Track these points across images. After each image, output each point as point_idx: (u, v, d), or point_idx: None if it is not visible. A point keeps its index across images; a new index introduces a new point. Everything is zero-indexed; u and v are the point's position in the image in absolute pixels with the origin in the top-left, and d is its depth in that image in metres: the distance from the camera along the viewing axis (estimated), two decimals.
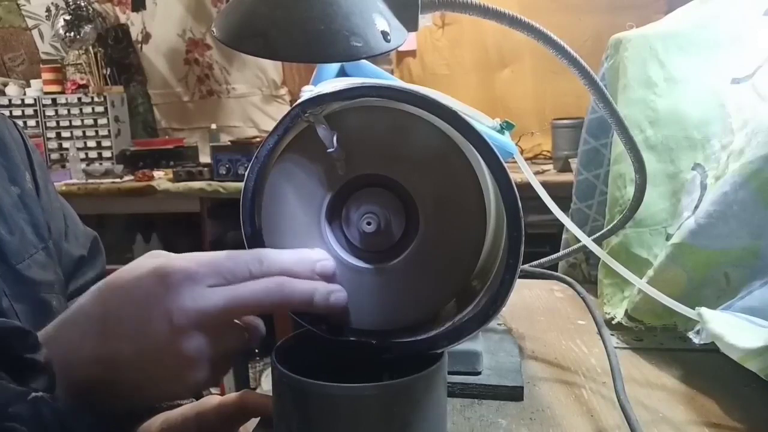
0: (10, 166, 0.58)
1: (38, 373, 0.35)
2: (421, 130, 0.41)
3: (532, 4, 2.58)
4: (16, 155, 0.59)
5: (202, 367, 0.39)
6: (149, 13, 2.99)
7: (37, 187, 0.61)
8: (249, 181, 0.41)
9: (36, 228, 0.58)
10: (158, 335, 0.37)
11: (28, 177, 0.60)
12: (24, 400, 0.33)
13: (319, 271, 0.40)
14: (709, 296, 0.60)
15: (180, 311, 0.37)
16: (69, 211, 0.68)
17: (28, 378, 0.35)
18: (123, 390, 0.39)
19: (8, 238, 0.53)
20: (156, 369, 0.38)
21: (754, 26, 0.70)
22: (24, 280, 0.54)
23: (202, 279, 0.38)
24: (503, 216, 0.39)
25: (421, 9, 0.40)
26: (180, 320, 0.37)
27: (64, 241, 0.63)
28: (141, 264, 0.39)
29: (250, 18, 0.36)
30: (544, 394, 0.56)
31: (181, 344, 0.37)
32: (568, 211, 0.88)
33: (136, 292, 0.38)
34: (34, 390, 0.34)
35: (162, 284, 0.37)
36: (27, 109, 2.83)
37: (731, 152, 0.61)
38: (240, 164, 2.41)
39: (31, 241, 0.56)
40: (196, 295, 0.37)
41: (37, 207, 0.59)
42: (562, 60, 0.45)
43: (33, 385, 0.35)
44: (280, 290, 0.38)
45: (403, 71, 2.82)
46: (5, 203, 0.55)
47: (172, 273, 0.38)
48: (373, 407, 0.36)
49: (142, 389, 0.40)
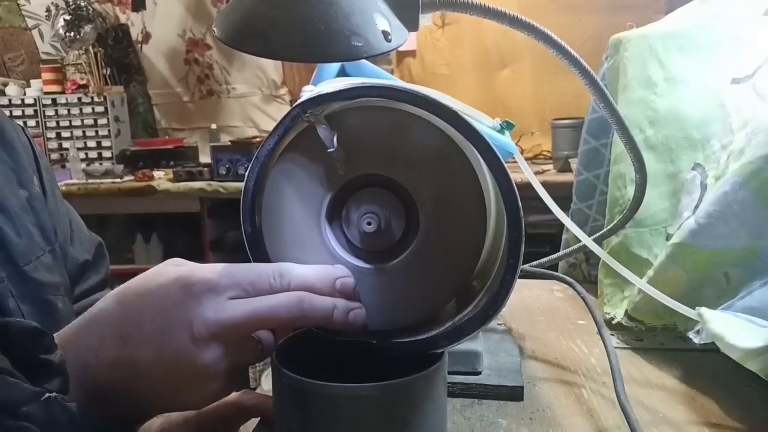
0: (18, 170, 0.58)
1: (52, 374, 0.35)
2: (421, 130, 0.41)
3: (532, 4, 2.58)
4: (24, 159, 0.60)
5: (217, 377, 0.39)
6: (149, 13, 2.99)
7: (44, 192, 0.62)
8: (249, 181, 0.41)
9: (43, 231, 0.58)
10: (178, 344, 0.37)
11: (36, 181, 0.61)
12: (37, 400, 0.33)
13: (339, 287, 0.40)
14: (709, 296, 0.60)
15: (200, 321, 0.37)
16: (74, 216, 0.68)
17: (42, 379, 0.35)
18: (140, 396, 0.39)
19: (16, 240, 0.54)
20: (173, 377, 0.38)
21: (754, 26, 0.70)
22: (30, 281, 0.54)
23: (223, 290, 0.38)
24: (503, 216, 0.39)
25: (422, 9, 0.40)
26: (200, 330, 0.37)
27: (70, 246, 0.64)
28: (164, 271, 0.40)
29: (250, 18, 0.36)
30: (544, 394, 0.56)
31: (200, 354, 0.37)
32: (568, 211, 0.88)
33: (159, 299, 0.38)
34: (48, 390, 0.34)
35: (184, 293, 0.37)
36: (27, 109, 2.83)
37: (731, 152, 0.61)
38: (240, 164, 2.42)
39: (38, 243, 0.57)
40: (218, 307, 0.37)
41: (45, 210, 0.60)
42: (563, 60, 0.45)
43: (47, 386, 0.34)
44: (300, 305, 0.38)
45: (403, 71, 2.82)
46: (13, 206, 0.55)
47: (195, 283, 0.38)
48: (373, 407, 0.36)
49: (159, 397, 0.40)
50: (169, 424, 0.51)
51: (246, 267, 0.40)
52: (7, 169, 0.57)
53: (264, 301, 0.38)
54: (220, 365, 0.38)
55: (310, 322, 0.40)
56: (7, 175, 0.57)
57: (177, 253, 0.41)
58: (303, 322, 0.39)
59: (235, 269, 0.39)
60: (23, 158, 0.59)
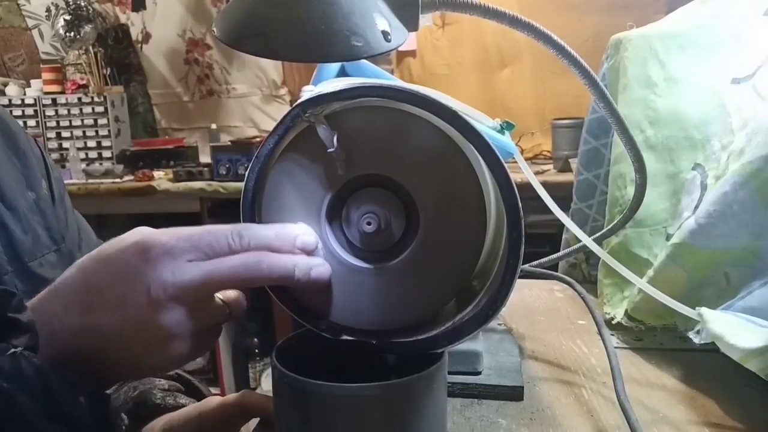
0: (28, 174, 0.61)
1: (21, 331, 0.36)
2: (422, 130, 0.41)
3: (532, 4, 2.58)
4: (34, 165, 0.63)
5: (182, 340, 0.39)
6: (149, 13, 2.99)
7: (53, 198, 0.65)
8: (249, 181, 0.41)
9: (49, 231, 0.61)
10: (137, 308, 0.38)
11: (45, 185, 0.64)
12: (3, 354, 0.34)
13: (299, 245, 0.40)
14: (709, 296, 0.60)
15: (157, 284, 0.37)
16: (84, 225, 0.71)
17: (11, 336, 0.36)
18: (107, 361, 0.40)
19: (22, 237, 0.56)
20: (137, 341, 0.39)
21: (754, 26, 0.70)
22: (35, 277, 0.55)
23: (180, 253, 0.38)
24: (503, 216, 0.39)
25: (422, 9, 0.40)
26: (158, 293, 0.37)
27: (78, 252, 0.65)
28: (123, 238, 0.40)
29: (250, 18, 0.36)
30: (544, 394, 0.56)
31: (159, 317, 0.38)
32: (568, 211, 0.88)
33: (117, 264, 0.39)
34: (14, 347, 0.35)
35: (142, 257, 0.38)
36: (27, 109, 2.83)
37: (731, 152, 0.61)
38: (240, 164, 2.41)
39: (44, 242, 0.60)
40: (175, 269, 0.37)
41: (52, 212, 0.63)
42: (563, 60, 0.45)
43: (15, 342, 0.35)
44: (258, 265, 0.38)
45: (403, 71, 2.82)
46: (21, 206, 0.58)
47: (152, 247, 0.38)
48: (373, 407, 0.36)
49: (126, 362, 0.40)
50: (171, 424, 0.51)
51: (203, 229, 0.39)
52: (18, 173, 0.60)
53: (223, 262, 0.38)
54: (183, 327, 0.39)
55: (271, 281, 0.40)
56: (18, 179, 0.60)
57: None
58: (264, 282, 0.39)
59: (194, 232, 0.39)
60: (33, 164, 0.63)
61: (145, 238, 0.39)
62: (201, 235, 0.39)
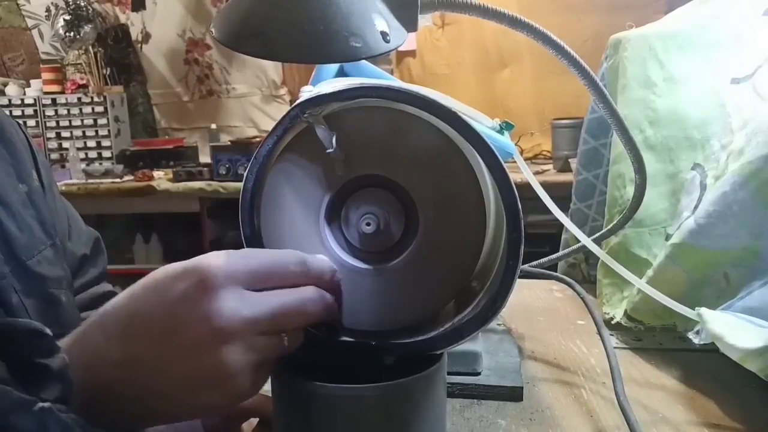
0: (18, 166, 0.58)
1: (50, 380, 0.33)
2: (421, 131, 0.41)
3: (532, 4, 2.58)
4: (23, 155, 0.59)
5: (242, 376, 0.35)
6: (149, 13, 2.99)
7: (43, 187, 0.61)
8: (248, 181, 0.41)
9: (43, 225, 0.58)
10: (192, 341, 0.34)
11: (35, 176, 0.61)
12: (29, 410, 0.31)
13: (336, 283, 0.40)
14: (709, 296, 0.60)
15: (218, 316, 0.34)
16: (71, 211, 0.68)
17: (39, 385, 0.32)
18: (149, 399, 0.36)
19: (18, 235, 0.53)
20: (187, 378, 0.35)
21: (754, 26, 0.70)
22: (34, 275, 0.53)
23: (241, 282, 0.35)
24: (503, 216, 0.39)
25: (421, 9, 0.40)
26: (220, 325, 0.34)
27: (68, 241, 0.64)
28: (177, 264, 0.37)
29: (249, 18, 0.35)
30: (543, 395, 0.56)
31: (220, 352, 0.34)
32: (568, 211, 0.88)
33: (171, 291, 0.35)
34: (42, 400, 0.31)
35: (197, 286, 0.35)
36: (27, 109, 2.83)
37: (731, 152, 0.61)
38: (240, 164, 2.41)
39: (39, 237, 0.57)
40: (239, 300, 0.35)
41: (44, 204, 0.59)
42: (562, 60, 0.45)
43: (43, 395, 0.32)
44: (324, 300, 0.37)
45: (403, 71, 2.82)
46: (14, 201, 0.54)
47: (211, 274, 0.35)
48: (372, 408, 0.36)
49: (172, 399, 0.36)
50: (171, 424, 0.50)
51: (262, 255, 0.37)
52: (7, 165, 0.56)
53: (292, 294, 0.36)
54: (243, 363, 0.35)
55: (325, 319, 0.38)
56: (7, 171, 0.56)
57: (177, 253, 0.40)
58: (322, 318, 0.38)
59: (251, 257, 0.37)
60: (22, 154, 0.59)
61: (201, 263, 0.35)
62: (261, 263, 0.36)
